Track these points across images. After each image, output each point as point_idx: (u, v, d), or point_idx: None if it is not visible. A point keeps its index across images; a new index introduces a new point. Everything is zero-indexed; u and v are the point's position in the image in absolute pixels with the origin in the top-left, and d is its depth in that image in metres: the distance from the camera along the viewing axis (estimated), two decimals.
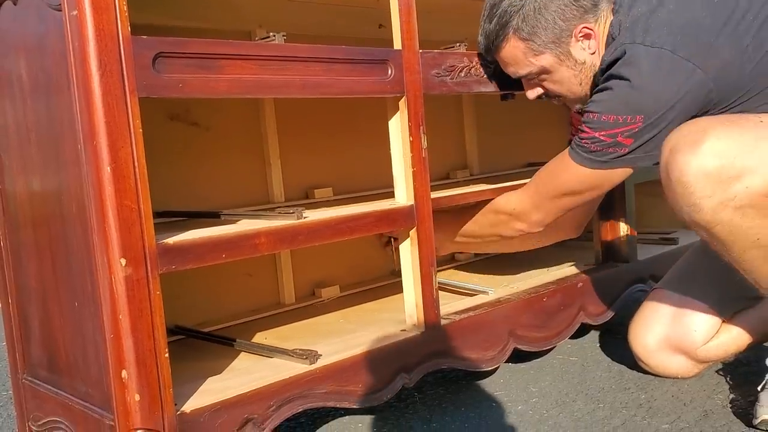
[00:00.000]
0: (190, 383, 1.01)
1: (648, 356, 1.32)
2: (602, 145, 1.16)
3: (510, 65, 1.26)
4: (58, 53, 0.86)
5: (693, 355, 1.29)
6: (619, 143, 1.15)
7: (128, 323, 0.85)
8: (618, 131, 1.14)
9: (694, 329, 1.29)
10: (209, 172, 1.38)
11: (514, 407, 1.26)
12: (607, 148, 1.16)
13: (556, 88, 1.27)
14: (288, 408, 1.00)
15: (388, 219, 1.15)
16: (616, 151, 1.16)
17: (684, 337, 1.29)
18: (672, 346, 1.30)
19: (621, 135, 1.14)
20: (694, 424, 1.12)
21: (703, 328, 1.29)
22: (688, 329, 1.29)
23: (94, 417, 0.93)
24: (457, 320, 1.25)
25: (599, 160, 1.18)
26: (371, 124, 1.40)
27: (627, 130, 1.13)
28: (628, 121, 1.13)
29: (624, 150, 1.15)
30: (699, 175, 1.01)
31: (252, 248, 0.97)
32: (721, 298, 1.30)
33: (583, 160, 1.20)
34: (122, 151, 0.84)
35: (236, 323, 1.37)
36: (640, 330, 1.34)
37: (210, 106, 1.37)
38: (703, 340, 1.29)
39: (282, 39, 1.01)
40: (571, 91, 1.26)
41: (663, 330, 1.31)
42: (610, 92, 1.14)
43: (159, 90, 0.87)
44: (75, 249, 0.92)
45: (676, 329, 1.30)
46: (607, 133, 1.15)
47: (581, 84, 1.25)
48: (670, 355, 1.31)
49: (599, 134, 1.15)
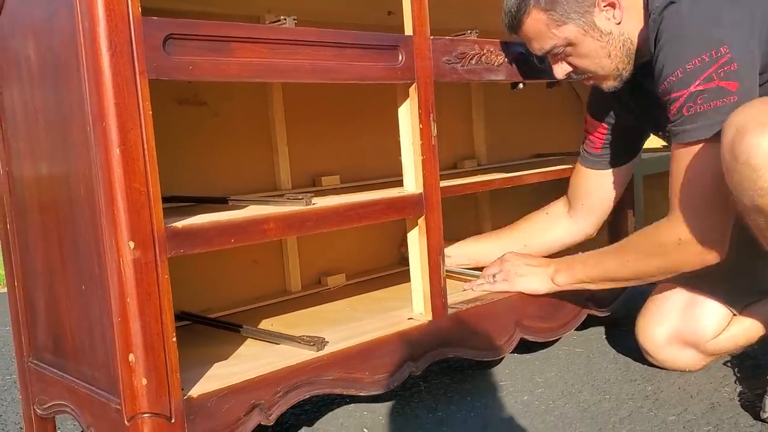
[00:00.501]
0: (197, 368, 1.00)
1: (657, 351, 1.31)
2: (704, 99, 1.06)
3: (534, 40, 1.22)
4: (67, 34, 0.86)
5: (702, 349, 1.28)
6: (722, 89, 1.05)
7: (136, 306, 0.84)
8: (710, 72, 1.05)
9: (704, 323, 1.27)
10: (217, 157, 1.38)
11: (520, 397, 1.25)
12: (713, 102, 1.05)
13: (584, 63, 1.22)
14: (295, 394, 0.99)
15: (396, 207, 1.14)
16: (725, 102, 1.04)
17: (694, 331, 1.28)
18: (681, 340, 1.29)
19: (717, 76, 1.04)
20: (701, 417, 1.12)
21: (714, 321, 1.28)
22: (698, 323, 1.28)
23: (101, 401, 0.92)
24: (464, 310, 1.24)
25: (709, 123, 1.06)
26: (379, 112, 1.40)
27: (719, 67, 1.04)
28: (714, 56, 1.05)
29: (732, 98, 1.04)
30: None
31: (260, 234, 0.97)
32: (732, 291, 1.28)
33: (694, 134, 1.08)
34: (132, 133, 0.83)
35: (242, 310, 1.36)
36: (648, 324, 1.33)
37: (219, 91, 1.36)
38: (714, 334, 1.28)
39: (293, 23, 1.00)
40: (600, 66, 1.22)
41: (672, 324, 1.30)
42: (677, 38, 1.07)
43: (169, 72, 0.86)
44: (83, 232, 0.91)
45: (686, 323, 1.28)
46: (702, 79, 1.05)
47: (610, 56, 1.20)
48: (679, 349, 1.30)
49: (694, 86, 1.06)
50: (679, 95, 1.08)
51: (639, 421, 1.12)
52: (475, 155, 1.86)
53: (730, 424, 1.08)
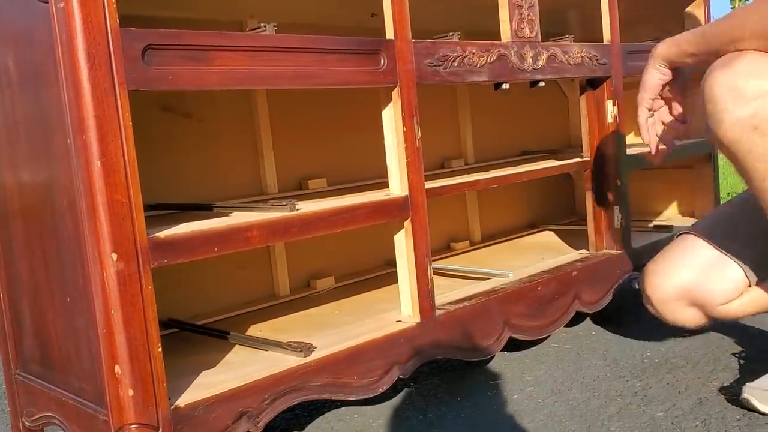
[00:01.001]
0: (184, 377, 1.00)
1: (660, 303, 1.25)
2: None
3: None
4: (46, 46, 0.85)
5: (709, 311, 1.22)
6: None
7: (121, 318, 0.84)
8: None
9: (720, 287, 1.20)
10: (202, 163, 1.37)
11: (510, 396, 1.26)
12: None
13: None
14: (283, 401, 0.99)
15: (382, 210, 1.14)
16: None
17: (707, 293, 1.21)
18: (690, 299, 1.22)
19: None
20: (689, 412, 1.13)
21: (730, 287, 1.20)
22: (714, 286, 1.21)
23: (88, 412, 0.92)
24: (452, 310, 1.24)
25: None
26: (364, 115, 1.40)
27: None
28: None
29: None
30: (726, 90, 1.00)
31: (244, 241, 0.97)
32: (757, 260, 1.21)
33: None
34: (112, 144, 0.83)
35: (230, 316, 1.36)
36: (659, 273, 1.26)
37: (202, 97, 1.36)
38: (727, 299, 1.20)
39: (273, 30, 1.00)
40: None
41: (685, 280, 1.22)
42: None
43: (149, 82, 0.86)
44: (66, 244, 0.91)
45: (701, 283, 1.21)
46: None
47: None
48: (684, 307, 1.23)
49: None
50: None
51: (628, 417, 1.13)
52: (462, 154, 1.87)
53: (717, 419, 1.09)
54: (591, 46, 1.49)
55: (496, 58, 1.30)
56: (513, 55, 1.33)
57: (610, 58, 1.53)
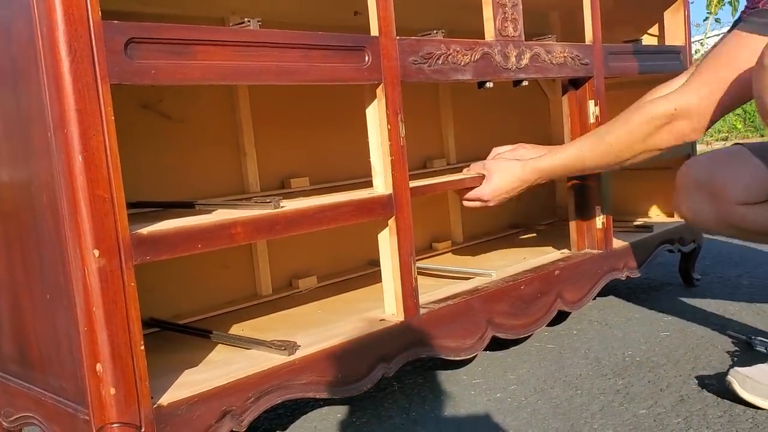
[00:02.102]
0: (167, 376, 0.99)
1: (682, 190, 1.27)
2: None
3: None
4: (26, 38, 0.84)
5: (723, 207, 1.21)
6: None
7: (102, 316, 0.83)
8: None
9: (744, 181, 1.20)
10: (183, 161, 1.36)
11: (493, 395, 1.26)
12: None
13: None
14: (267, 400, 0.98)
15: (366, 208, 1.14)
16: None
17: (728, 183, 1.21)
18: (709, 188, 1.23)
19: None
20: (671, 409, 1.13)
21: (755, 184, 1.19)
22: (738, 177, 1.20)
23: (68, 412, 0.91)
24: (435, 309, 1.24)
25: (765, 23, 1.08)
26: (348, 113, 1.39)
27: None
28: None
29: None
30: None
31: (228, 238, 0.96)
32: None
33: (755, 27, 1.10)
34: (94, 139, 0.81)
35: (212, 315, 1.35)
36: (691, 163, 1.28)
37: (184, 94, 1.35)
38: (745, 198, 1.20)
39: (257, 25, 0.99)
40: None
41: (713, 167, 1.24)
42: None
43: (131, 76, 0.85)
44: (46, 240, 0.89)
45: (727, 171, 1.22)
46: None
47: None
48: (702, 199, 1.24)
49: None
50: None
51: (610, 415, 1.13)
52: (444, 154, 1.87)
53: (699, 416, 1.10)
54: (573, 46, 1.50)
55: (480, 56, 1.30)
56: (497, 53, 1.33)
57: (592, 58, 1.54)
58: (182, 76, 0.90)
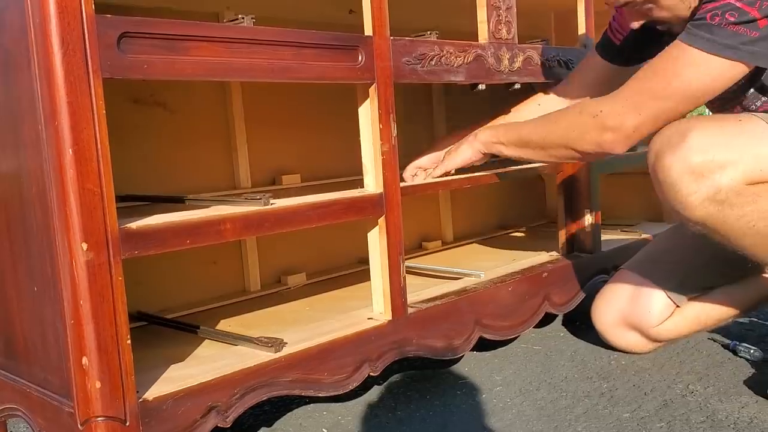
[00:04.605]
0: (153, 370, 0.99)
1: (606, 330, 1.41)
2: (735, 20, 1.04)
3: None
4: (18, 30, 0.84)
5: (647, 334, 1.37)
6: (754, 22, 1.03)
7: (89, 309, 0.83)
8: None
9: (649, 309, 1.35)
10: (174, 156, 1.36)
11: (479, 395, 1.26)
12: (738, 26, 1.04)
13: (662, 14, 1.15)
14: (252, 396, 0.99)
15: (357, 207, 1.14)
16: (746, 33, 1.04)
17: (640, 316, 1.36)
18: (628, 323, 1.38)
19: (760, 8, 1.03)
20: (655, 414, 1.14)
21: (659, 309, 1.35)
22: (645, 309, 1.36)
23: (53, 404, 0.91)
24: (423, 309, 1.25)
25: (723, 43, 1.05)
26: (340, 111, 1.39)
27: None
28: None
29: (754, 34, 1.04)
30: (683, 173, 1.04)
31: (217, 234, 0.96)
32: (679, 285, 1.35)
33: (702, 42, 1.07)
34: (85, 132, 0.81)
35: (200, 310, 1.35)
36: (601, 305, 1.42)
37: (176, 89, 1.35)
38: (658, 321, 1.35)
39: (251, 21, 0.99)
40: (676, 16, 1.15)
41: (621, 307, 1.39)
42: None
43: (123, 71, 0.85)
44: (34, 233, 0.89)
45: (634, 308, 1.37)
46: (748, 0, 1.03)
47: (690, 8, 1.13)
48: (626, 331, 1.39)
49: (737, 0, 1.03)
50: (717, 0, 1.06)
51: (594, 418, 1.14)
52: None
53: (682, 421, 1.11)
54: (566, 50, 1.51)
55: (473, 58, 1.30)
56: (490, 56, 1.33)
57: None
58: (174, 71, 0.90)
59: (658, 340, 1.38)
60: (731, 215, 1.05)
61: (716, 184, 1.03)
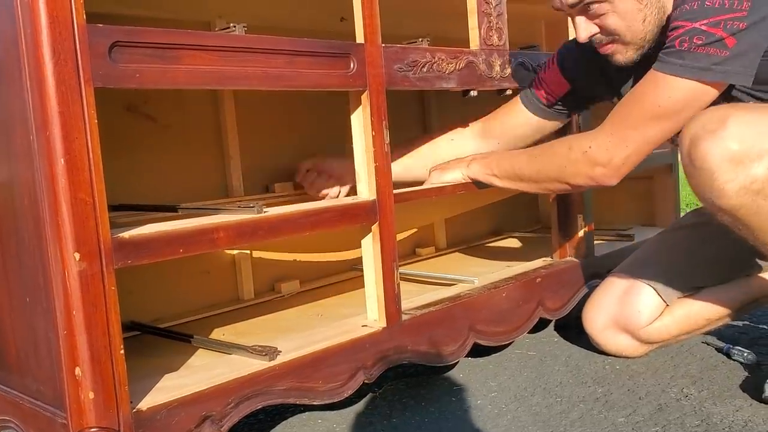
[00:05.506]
0: (147, 380, 0.98)
1: (596, 334, 1.41)
2: (702, 42, 1.06)
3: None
4: (9, 40, 0.83)
5: (637, 335, 1.37)
6: (722, 41, 1.05)
7: (82, 319, 0.82)
8: (723, 18, 1.04)
9: (638, 310, 1.36)
10: (167, 164, 1.36)
11: (474, 402, 1.26)
12: (708, 48, 1.06)
13: (616, 24, 1.15)
14: (247, 405, 0.98)
15: (350, 214, 1.14)
16: (717, 53, 1.06)
17: (629, 318, 1.37)
18: (618, 326, 1.38)
19: (724, 28, 1.04)
20: (649, 418, 1.14)
21: (648, 309, 1.36)
22: (633, 310, 1.36)
23: (46, 416, 0.90)
24: (418, 315, 1.24)
25: (695, 66, 1.08)
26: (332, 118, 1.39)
27: (733, 19, 1.04)
28: (735, 6, 1.04)
29: (725, 53, 1.06)
30: (721, 160, 1.02)
31: (210, 243, 0.96)
32: (668, 284, 1.36)
33: (675, 68, 1.09)
34: (76, 142, 0.81)
35: (193, 319, 1.35)
36: (590, 309, 1.43)
37: (169, 97, 1.35)
38: (647, 321, 1.36)
39: (243, 30, 0.99)
40: (632, 31, 1.16)
41: (610, 310, 1.39)
42: None
43: (115, 80, 0.85)
44: (26, 243, 0.89)
45: (623, 310, 1.37)
46: (711, 22, 1.05)
47: (645, 21, 1.15)
48: (616, 334, 1.39)
49: (700, 24, 1.05)
50: (682, 25, 1.08)
51: (590, 423, 1.14)
52: None
53: (677, 425, 1.11)
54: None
55: (465, 65, 1.31)
56: (481, 62, 1.34)
57: None
58: (167, 80, 0.90)
59: (649, 342, 1.38)
60: (764, 206, 1.03)
61: (753, 174, 1.01)
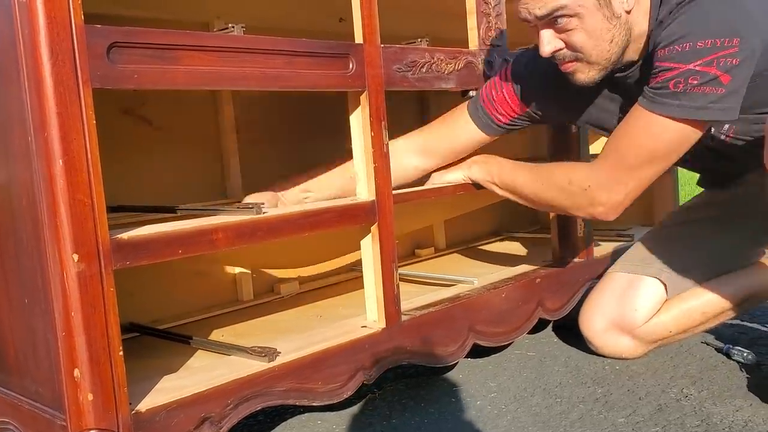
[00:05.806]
0: (146, 382, 0.98)
1: (594, 337, 1.40)
2: (698, 82, 1.04)
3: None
4: (7, 41, 0.83)
5: (635, 334, 1.36)
6: (717, 79, 1.04)
7: (81, 320, 0.82)
8: (716, 56, 1.03)
9: (635, 308, 1.35)
10: (166, 165, 1.36)
11: (473, 402, 1.26)
12: (704, 87, 1.04)
13: (582, 41, 1.12)
14: (246, 406, 0.98)
15: (349, 215, 1.14)
16: (713, 92, 1.04)
17: (626, 317, 1.36)
18: (616, 326, 1.37)
19: (718, 66, 1.03)
20: (649, 418, 1.14)
21: (645, 307, 1.35)
22: (631, 308, 1.36)
23: (45, 417, 0.90)
24: (417, 316, 1.24)
25: (692, 106, 1.06)
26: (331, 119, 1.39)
27: (726, 56, 1.02)
28: (725, 44, 1.02)
29: (720, 91, 1.04)
30: None
31: (209, 244, 0.95)
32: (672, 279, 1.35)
33: (672, 110, 1.08)
34: (75, 143, 0.81)
35: (193, 320, 1.34)
36: (587, 311, 1.42)
37: (167, 98, 1.34)
38: (644, 319, 1.35)
39: (241, 30, 0.99)
40: (597, 50, 1.13)
41: (607, 310, 1.38)
42: (698, 12, 1.04)
43: (113, 81, 0.85)
44: (25, 244, 0.88)
45: (620, 309, 1.37)
46: (705, 61, 1.03)
47: (612, 41, 1.13)
48: (615, 335, 1.38)
49: (694, 65, 1.03)
50: (674, 67, 1.06)
51: (590, 423, 1.14)
52: None
53: (676, 425, 1.11)
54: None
55: (464, 65, 1.31)
56: (480, 62, 1.34)
57: None
58: (165, 80, 0.90)
59: (647, 341, 1.37)
60: None
61: None
